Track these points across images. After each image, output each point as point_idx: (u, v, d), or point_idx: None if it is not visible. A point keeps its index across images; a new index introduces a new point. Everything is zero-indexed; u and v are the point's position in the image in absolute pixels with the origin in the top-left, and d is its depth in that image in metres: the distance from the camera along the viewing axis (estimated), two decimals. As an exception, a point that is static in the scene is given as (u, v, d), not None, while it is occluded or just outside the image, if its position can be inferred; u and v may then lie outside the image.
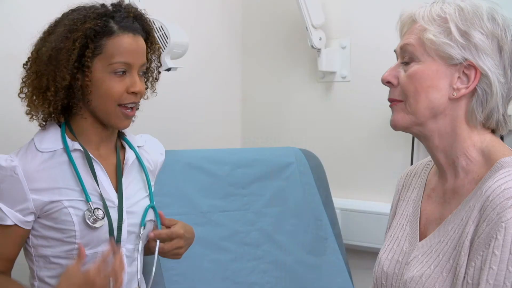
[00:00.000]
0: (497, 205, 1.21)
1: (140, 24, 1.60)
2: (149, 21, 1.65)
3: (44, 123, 1.60)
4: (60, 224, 1.52)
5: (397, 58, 1.42)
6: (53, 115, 1.58)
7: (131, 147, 1.69)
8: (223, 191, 2.27)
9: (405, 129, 1.39)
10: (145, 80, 1.67)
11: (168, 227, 1.68)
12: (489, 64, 1.31)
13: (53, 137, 1.58)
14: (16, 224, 1.52)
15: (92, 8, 1.58)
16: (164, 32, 2.07)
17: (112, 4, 1.61)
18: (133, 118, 1.62)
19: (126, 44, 1.54)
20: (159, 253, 1.65)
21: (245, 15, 2.95)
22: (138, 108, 1.62)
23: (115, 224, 1.56)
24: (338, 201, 2.56)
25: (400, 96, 1.37)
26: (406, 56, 1.38)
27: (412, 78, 1.35)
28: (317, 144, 2.68)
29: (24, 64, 1.59)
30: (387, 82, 1.40)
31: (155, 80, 1.71)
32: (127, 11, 1.59)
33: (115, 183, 1.61)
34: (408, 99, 1.35)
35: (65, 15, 1.58)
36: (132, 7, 1.62)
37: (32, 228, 1.55)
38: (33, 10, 2.11)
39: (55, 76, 1.53)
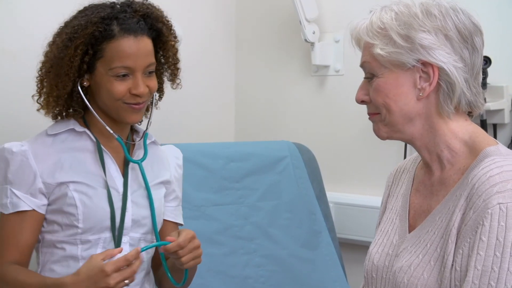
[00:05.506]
0: (483, 192, 1.23)
1: (148, 23, 1.58)
2: (163, 18, 1.63)
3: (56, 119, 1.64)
4: (65, 207, 1.55)
5: None
6: (62, 113, 1.62)
7: (145, 146, 1.69)
8: (216, 184, 2.26)
9: (387, 138, 1.42)
10: (161, 76, 1.69)
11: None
12: (440, 57, 1.32)
13: (64, 124, 1.62)
14: (32, 210, 1.55)
15: (98, 9, 1.57)
16: (158, 26, 2.06)
17: (121, 3, 1.59)
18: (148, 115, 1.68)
19: (126, 48, 1.54)
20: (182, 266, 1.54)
21: (239, 9, 2.94)
22: (150, 101, 1.65)
23: (118, 212, 1.58)
24: (332, 195, 2.56)
25: (375, 110, 1.41)
26: (367, 73, 1.41)
27: (378, 92, 1.38)
28: (310, 138, 2.68)
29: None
30: (361, 102, 1.43)
31: (174, 76, 1.72)
32: (135, 10, 1.58)
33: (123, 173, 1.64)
34: (382, 111, 1.39)
35: (68, 22, 1.58)
36: (144, 5, 1.60)
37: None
38: (35, 4, 2.10)
39: (57, 84, 1.56)
